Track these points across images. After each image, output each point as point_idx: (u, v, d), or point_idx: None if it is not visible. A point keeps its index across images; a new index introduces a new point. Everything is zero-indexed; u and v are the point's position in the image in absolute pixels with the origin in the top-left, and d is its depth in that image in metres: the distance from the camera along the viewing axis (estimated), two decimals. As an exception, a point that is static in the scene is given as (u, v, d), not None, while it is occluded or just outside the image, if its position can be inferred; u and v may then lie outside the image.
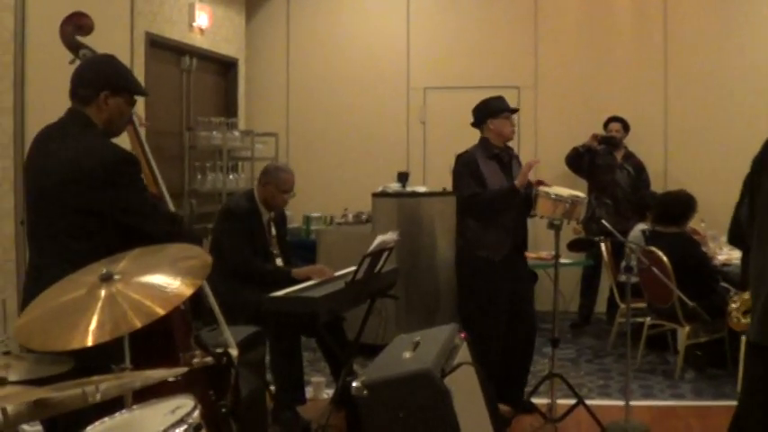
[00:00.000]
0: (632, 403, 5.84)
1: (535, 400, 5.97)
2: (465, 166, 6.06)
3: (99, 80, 3.69)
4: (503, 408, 5.87)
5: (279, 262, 6.35)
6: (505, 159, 6.21)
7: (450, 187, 6.52)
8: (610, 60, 9.99)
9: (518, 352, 6.18)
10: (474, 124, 6.24)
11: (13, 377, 3.00)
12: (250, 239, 6.11)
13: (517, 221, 6.13)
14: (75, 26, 3.99)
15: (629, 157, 9.25)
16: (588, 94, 9.99)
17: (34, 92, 6.53)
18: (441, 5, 10.47)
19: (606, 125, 9.32)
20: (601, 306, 9.33)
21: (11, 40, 6.44)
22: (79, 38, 3.99)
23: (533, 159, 6.25)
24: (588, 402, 5.83)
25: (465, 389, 4.13)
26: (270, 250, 6.30)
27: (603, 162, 9.14)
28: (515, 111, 6.30)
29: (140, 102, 3.90)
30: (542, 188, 5.75)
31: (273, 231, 6.38)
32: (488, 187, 5.98)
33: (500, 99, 6.25)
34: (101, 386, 2.39)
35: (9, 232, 6.44)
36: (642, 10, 9.98)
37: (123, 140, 3.90)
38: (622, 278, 5.76)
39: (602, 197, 9.08)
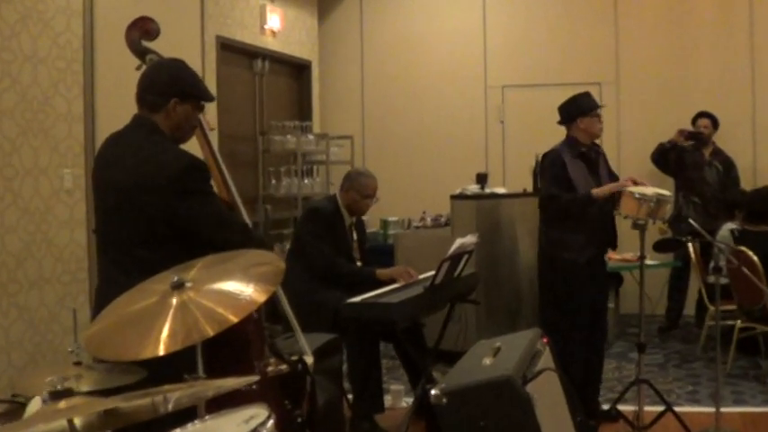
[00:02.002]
0: (723, 410, 5.66)
1: (621, 407, 5.82)
2: (551, 165, 5.92)
3: (168, 87, 3.62)
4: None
5: (359, 267, 6.35)
6: (593, 157, 6.06)
7: (530, 188, 6.40)
8: (693, 54, 9.76)
9: (592, 357, 6.04)
10: (561, 122, 6.09)
11: (83, 388, 3.04)
12: (334, 241, 6.09)
13: (604, 221, 5.99)
14: (141, 31, 3.96)
15: (718, 153, 9.00)
16: (672, 89, 9.76)
17: (104, 99, 6.60)
18: (516, 1, 10.34)
19: (694, 121, 9.08)
20: (689, 309, 9.10)
21: (80, 48, 6.49)
22: (146, 43, 3.96)
23: (630, 178, 5.99)
24: (677, 409, 5.68)
25: (548, 396, 4.04)
26: (352, 255, 6.28)
27: (691, 159, 8.90)
28: (602, 106, 6.14)
29: (213, 106, 3.85)
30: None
31: (354, 237, 6.37)
32: (575, 188, 5.83)
33: (589, 96, 6.07)
34: (171, 396, 2.38)
35: (81, 241, 6.51)
36: (726, 1, 9.71)
37: (194, 147, 3.85)
38: (711, 279, 5.60)
39: (690, 195, 8.86)
